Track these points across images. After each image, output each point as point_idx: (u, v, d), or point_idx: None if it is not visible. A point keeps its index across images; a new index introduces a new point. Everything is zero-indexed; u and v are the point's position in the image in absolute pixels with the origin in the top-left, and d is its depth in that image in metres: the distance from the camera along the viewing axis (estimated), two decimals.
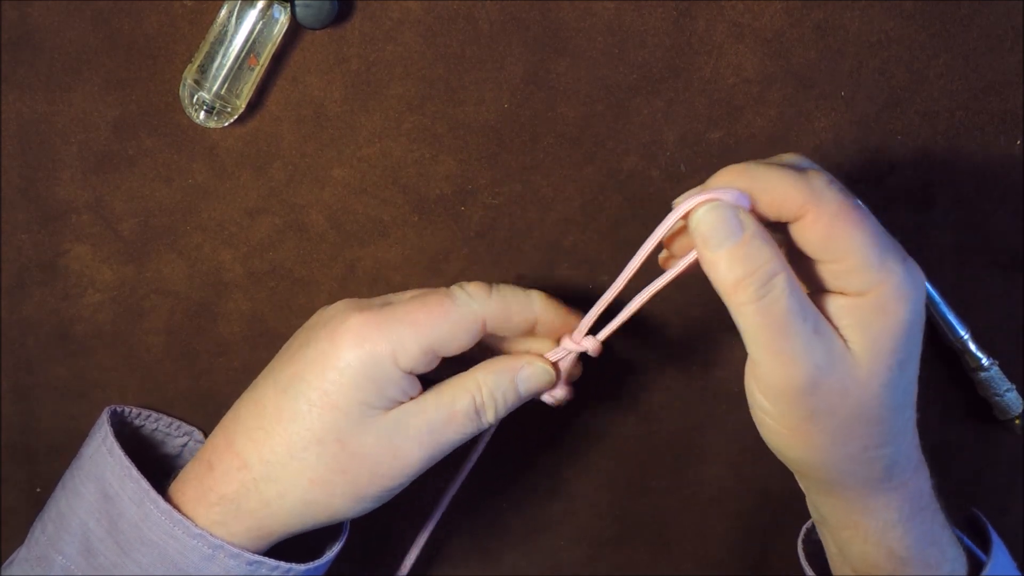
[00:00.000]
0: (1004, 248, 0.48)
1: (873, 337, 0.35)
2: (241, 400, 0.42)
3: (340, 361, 0.38)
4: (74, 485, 0.42)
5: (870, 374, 0.35)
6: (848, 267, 0.34)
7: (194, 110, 0.42)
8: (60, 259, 0.46)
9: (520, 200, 0.46)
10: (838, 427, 0.36)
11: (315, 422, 0.39)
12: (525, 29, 0.43)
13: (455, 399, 0.40)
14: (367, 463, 0.39)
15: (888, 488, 0.39)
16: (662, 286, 0.39)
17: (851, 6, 0.43)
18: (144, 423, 0.48)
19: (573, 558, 0.55)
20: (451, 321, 0.39)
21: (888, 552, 0.41)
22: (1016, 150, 0.46)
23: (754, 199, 0.34)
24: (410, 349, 0.39)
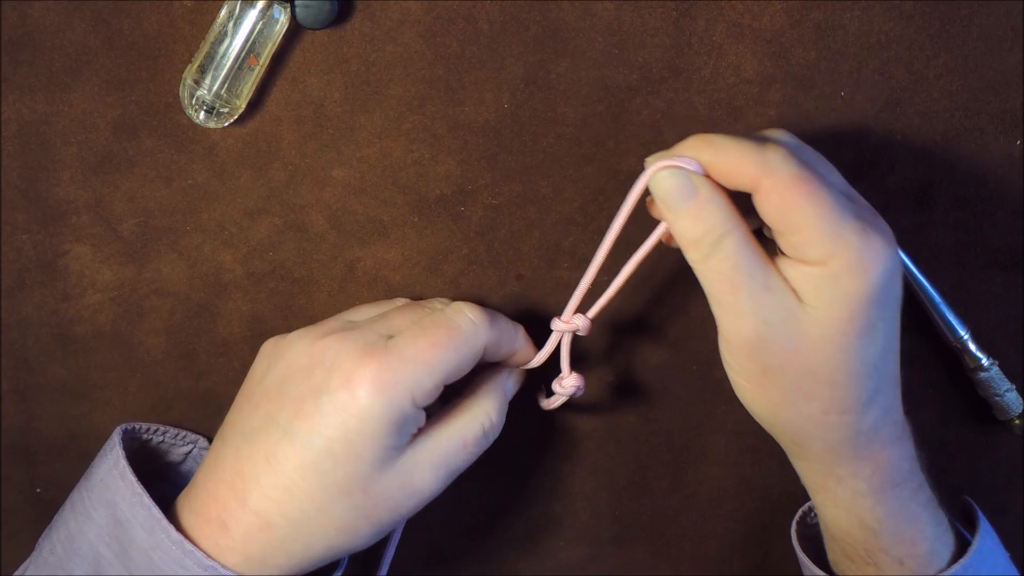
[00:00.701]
0: (1004, 248, 0.48)
1: (827, 304, 0.36)
2: (236, 450, 0.40)
3: (362, 411, 0.38)
4: (85, 508, 0.41)
5: (823, 337, 0.36)
6: (802, 239, 0.36)
7: (194, 110, 0.42)
8: (60, 259, 0.46)
9: (520, 200, 0.46)
10: (791, 384, 0.38)
11: (340, 475, 0.38)
12: (525, 29, 0.43)
13: (465, 429, 0.41)
14: (389, 504, 0.40)
15: (855, 457, 0.40)
16: (643, 255, 0.40)
17: (851, 7, 0.43)
18: (151, 436, 0.47)
19: (573, 558, 0.55)
20: (460, 353, 0.40)
21: (859, 521, 0.42)
22: (1016, 150, 0.46)
23: (711, 168, 0.36)
24: (427, 388, 0.39)
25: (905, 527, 0.42)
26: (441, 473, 0.40)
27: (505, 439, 0.51)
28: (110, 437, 0.44)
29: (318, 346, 0.40)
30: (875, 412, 0.39)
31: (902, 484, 0.41)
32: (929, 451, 0.43)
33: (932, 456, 0.44)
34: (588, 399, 0.51)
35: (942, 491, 0.44)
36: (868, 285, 0.36)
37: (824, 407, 0.38)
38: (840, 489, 0.41)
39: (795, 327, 0.37)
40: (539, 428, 0.51)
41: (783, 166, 0.35)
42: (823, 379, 0.37)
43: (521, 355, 0.45)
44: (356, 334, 0.40)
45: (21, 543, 0.53)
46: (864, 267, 0.35)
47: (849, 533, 0.43)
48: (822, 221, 0.35)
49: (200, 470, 0.41)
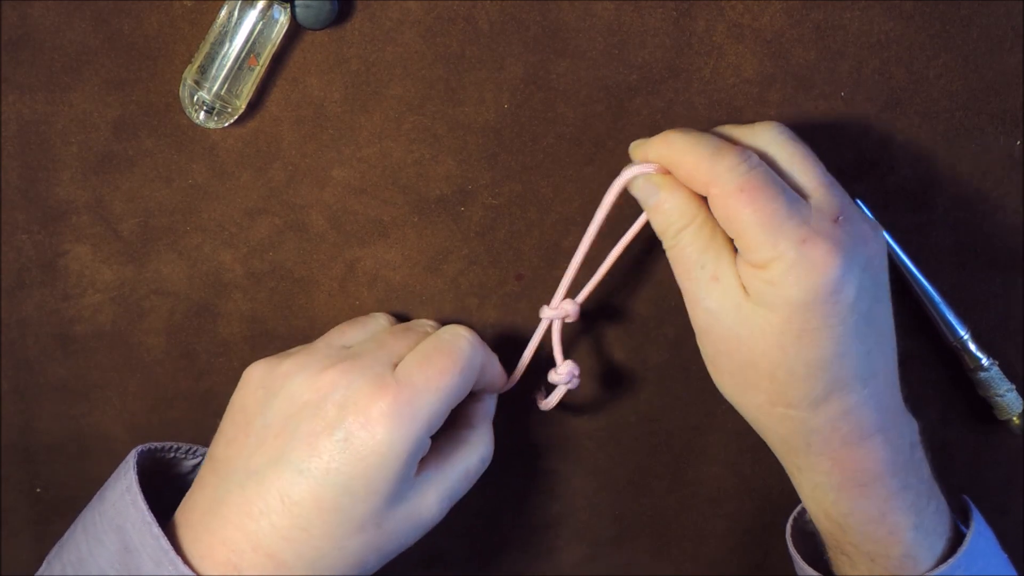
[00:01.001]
0: (1004, 248, 0.48)
1: (767, 304, 0.38)
2: (242, 488, 0.39)
3: (381, 447, 0.38)
4: (96, 532, 0.40)
5: (763, 334, 0.38)
6: (743, 244, 0.38)
7: (194, 110, 0.42)
8: (60, 259, 0.46)
9: (520, 200, 0.46)
10: (738, 372, 0.40)
11: (357, 512, 0.38)
12: (525, 29, 0.43)
13: (468, 460, 0.43)
14: (398, 536, 0.40)
15: (809, 452, 0.41)
16: (628, 240, 0.43)
17: (851, 6, 0.43)
18: (164, 454, 0.46)
19: (573, 558, 0.55)
20: (465, 377, 0.41)
21: (824, 513, 0.43)
22: (1016, 150, 0.46)
23: (671, 169, 0.40)
24: (440, 415, 0.40)
25: (874, 526, 0.42)
26: (445, 504, 0.42)
27: (505, 439, 0.51)
28: (125, 460, 0.43)
29: (324, 379, 0.39)
30: (830, 411, 0.39)
31: (870, 484, 0.41)
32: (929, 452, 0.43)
33: (933, 456, 0.44)
34: (588, 399, 0.51)
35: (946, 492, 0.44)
36: (804, 293, 0.37)
37: (770, 399, 0.40)
38: (802, 479, 0.43)
39: (739, 319, 0.39)
40: (539, 428, 0.51)
41: (729, 175, 0.37)
42: (764, 373, 0.39)
43: (498, 379, 0.46)
44: (361, 365, 0.40)
45: (21, 543, 0.53)
46: (798, 276, 0.37)
47: (820, 522, 0.44)
48: (760, 230, 0.37)
49: (194, 506, 0.40)
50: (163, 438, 0.50)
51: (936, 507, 0.43)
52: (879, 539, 0.42)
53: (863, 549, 0.43)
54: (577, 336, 0.49)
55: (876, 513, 0.42)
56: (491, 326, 0.48)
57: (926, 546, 0.43)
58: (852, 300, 0.37)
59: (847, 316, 0.38)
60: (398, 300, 0.48)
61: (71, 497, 0.52)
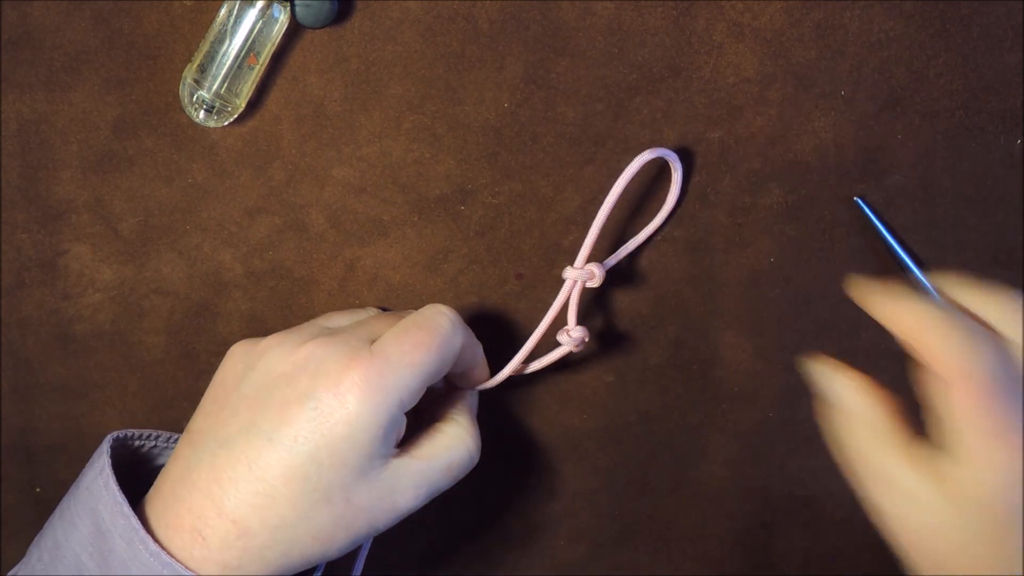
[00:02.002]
0: (1004, 248, 0.48)
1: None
2: (212, 456, 0.39)
3: (351, 417, 0.38)
4: (71, 516, 0.41)
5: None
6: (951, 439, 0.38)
7: (194, 109, 0.42)
8: (60, 259, 0.46)
9: (520, 200, 0.46)
10: None
11: (324, 482, 0.38)
12: (525, 29, 0.43)
13: (452, 453, 0.42)
14: (368, 516, 0.39)
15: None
16: (661, 222, 0.46)
17: (851, 6, 0.43)
18: (144, 443, 0.46)
19: (573, 558, 0.55)
20: (442, 353, 0.40)
21: None
22: (1016, 149, 0.46)
23: (906, 335, 0.39)
24: (413, 390, 0.39)
25: None
26: (422, 492, 0.40)
27: (505, 439, 0.51)
28: (100, 445, 0.43)
29: (300, 352, 0.39)
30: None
31: None
32: None
33: None
34: (588, 399, 0.51)
35: None
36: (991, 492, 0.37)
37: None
38: None
39: (950, 528, 0.38)
40: (539, 428, 0.51)
41: (986, 369, 0.37)
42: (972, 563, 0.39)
43: (480, 372, 0.45)
44: (338, 339, 0.40)
45: (21, 543, 0.53)
46: (1013, 484, 0.36)
47: None
48: (990, 435, 0.37)
49: (167, 477, 0.40)
50: None
51: None
52: None
53: None
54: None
55: None
56: (491, 326, 0.48)
57: None
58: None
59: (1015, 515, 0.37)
60: (398, 299, 0.48)
61: None
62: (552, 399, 0.51)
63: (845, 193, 0.46)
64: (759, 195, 0.46)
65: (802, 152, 0.45)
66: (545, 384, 0.50)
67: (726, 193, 0.46)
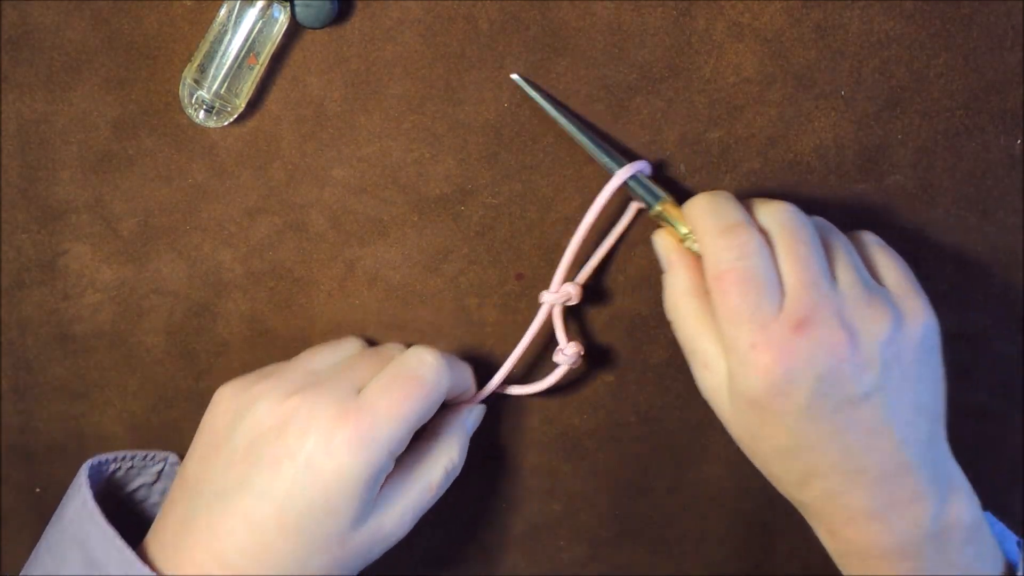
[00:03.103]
0: (1004, 248, 0.48)
1: (732, 389, 0.40)
2: (209, 508, 0.40)
3: (343, 472, 0.39)
4: (60, 549, 0.41)
5: (740, 414, 0.41)
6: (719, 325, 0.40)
7: (194, 110, 0.42)
8: (60, 259, 0.46)
9: (520, 200, 0.46)
10: (739, 442, 0.43)
11: (320, 534, 0.39)
12: (525, 29, 0.43)
13: (430, 474, 0.43)
14: (363, 551, 0.41)
15: (811, 519, 0.44)
16: (626, 224, 0.46)
17: (851, 6, 0.43)
18: (120, 465, 0.47)
19: (573, 558, 0.55)
20: (428, 401, 0.42)
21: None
22: (1017, 150, 0.46)
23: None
24: (402, 439, 0.40)
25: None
26: (408, 517, 0.42)
27: (506, 439, 0.51)
28: (77, 474, 0.44)
29: (288, 405, 0.40)
30: (812, 493, 0.41)
31: (870, 560, 0.42)
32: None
33: None
34: (588, 399, 0.51)
35: None
36: (750, 390, 0.39)
37: (765, 472, 0.43)
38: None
39: (726, 401, 0.41)
40: (539, 428, 0.51)
41: (717, 259, 0.39)
42: (749, 448, 0.42)
43: (469, 391, 0.46)
44: (325, 391, 0.40)
45: (21, 543, 0.53)
46: (745, 374, 0.39)
47: None
48: (724, 322, 0.39)
49: (166, 523, 0.41)
50: (163, 438, 0.50)
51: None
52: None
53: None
54: (576, 336, 0.49)
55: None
56: (491, 326, 0.48)
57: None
58: (804, 403, 0.38)
59: (800, 417, 0.39)
60: (398, 300, 0.48)
61: None
62: (552, 399, 0.51)
63: (845, 193, 0.46)
64: (759, 195, 0.46)
65: (802, 152, 0.45)
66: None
67: None
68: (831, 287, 0.39)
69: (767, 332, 0.38)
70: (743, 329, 0.39)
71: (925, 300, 0.41)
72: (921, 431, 0.41)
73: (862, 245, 0.43)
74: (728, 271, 0.39)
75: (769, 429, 0.40)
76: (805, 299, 0.39)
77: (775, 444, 0.40)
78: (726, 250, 0.39)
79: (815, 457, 0.40)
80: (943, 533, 0.41)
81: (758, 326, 0.38)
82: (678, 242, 0.43)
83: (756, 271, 0.39)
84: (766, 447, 0.41)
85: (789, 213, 0.41)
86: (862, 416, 0.39)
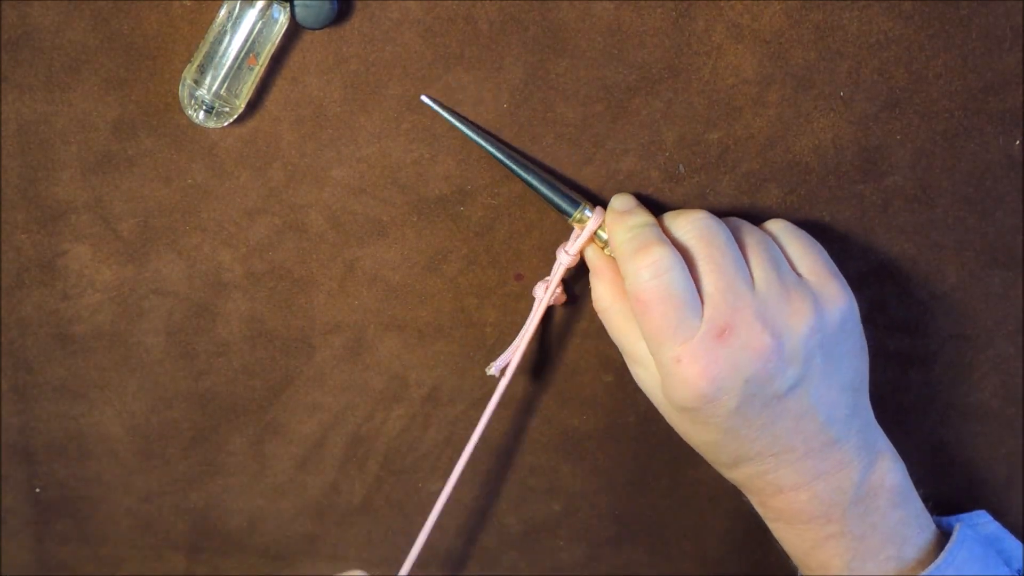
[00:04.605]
0: (1004, 248, 0.48)
1: (664, 392, 0.42)
2: None
3: None
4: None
5: (672, 409, 0.43)
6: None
7: (193, 110, 0.42)
8: (59, 259, 0.46)
9: (520, 200, 0.46)
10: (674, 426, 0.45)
11: None
12: (524, 29, 0.43)
13: None
14: None
15: (744, 490, 0.46)
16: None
17: (850, 7, 0.43)
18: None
19: (572, 558, 0.55)
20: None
21: (774, 534, 0.46)
22: (1016, 150, 0.46)
23: None
24: None
25: (804, 556, 0.44)
26: None
27: (506, 439, 0.51)
28: None
29: None
30: (744, 472, 0.43)
31: (797, 525, 0.44)
32: (929, 453, 0.43)
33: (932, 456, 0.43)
34: (588, 399, 0.51)
35: (937, 499, 0.44)
36: (680, 400, 0.40)
37: (696, 448, 0.44)
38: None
39: (659, 395, 0.43)
40: (539, 428, 0.51)
41: (635, 278, 0.40)
42: (683, 438, 0.44)
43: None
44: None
45: (21, 543, 0.53)
46: (674, 386, 0.40)
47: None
48: (649, 339, 0.41)
49: None
50: (163, 438, 0.50)
51: (892, 553, 0.44)
52: (811, 568, 0.45)
53: (803, 571, 0.46)
54: (577, 336, 0.49)
55: (806, 547, 0.44)
56: (490, 326, 0.48)
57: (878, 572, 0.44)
58: (734, 405, 0.40)
59: (730, 416, 0.40)
60: (397, 300, 0.48)
61: (71, 497, 0.52)
62: (552, 399, 0.51)
63: (844, 194, 0.46)
64: (758, 196, 0.46)
65: (801, 153, 0.45)
66: (545, 384, 0.50)
67: (725, 194, 0.46)
68: (749, 290, 0.40)
69: (690, 346, 0.39)
70: (666, 346, 0.40)
71: (842, 282, 0.42)
72: (845, 406, 0.42)
73: (776, 235, 0.44)
74: (645, 291, 0.40)
75: (700, 427, 0.42)
76: (724, 307, 0.40)
77: (706, 439, 0.42)
78: (643, 269, 0.40)
79: (744, 446, 0.42)
80: (867, 497, 0.43)
81: (682, 339, 0.39)
82: (600, 249, 0.44)
83: (673, 287, 0.40)
84: (697, 440, 0.43)
85: (701, 221, 0.42)
86: (788, 406, 0.41)
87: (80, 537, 0.53)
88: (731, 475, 0.44)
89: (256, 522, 0.53)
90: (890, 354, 0.49)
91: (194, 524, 0.53)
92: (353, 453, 0.51)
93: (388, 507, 0.53)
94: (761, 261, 0.41)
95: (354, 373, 0.49)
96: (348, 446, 0.51)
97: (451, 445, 0.51)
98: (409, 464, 0.52)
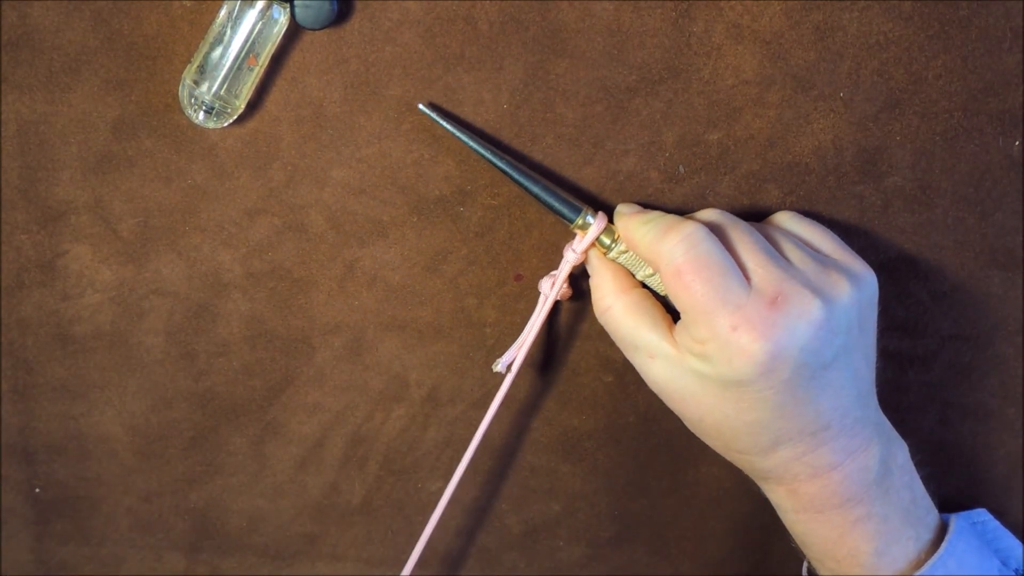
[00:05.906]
0: (1004, 248, 0.48)
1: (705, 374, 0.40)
2: None
3: None
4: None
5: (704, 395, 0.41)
6: (684, 320, 0.41)
7: (193, 110, 0.42)
8: (59, 259, 0.46)
9: (520, 200, 0.46)
10: (692, 425, 0.44)
11: None
12: (524, 29, 0.43)
13: None
14: None
15: (765, 483, 0.45)
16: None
17: (850, 7, 0.43)
18: None
19: (572, 558, 0.55)
20: None
21: (789, 528, 0.46)
22: (1015, 150, 0.46)
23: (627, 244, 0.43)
24: None
25: (833, 547, 0.44)
26: None
27: (506, 439, 0.51)
28: None
29: None
30: (779, 457, 0.42)
31: (827, 511, 0.43)
32: (929, 454, 0.43)
33: (933, 457, 0.43)
34: (588, 399, 0.51)
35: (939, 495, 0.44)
36: (734, 373, 0.39)
37: (723, 448, 0.43)
38: (768, 497, 0.46)
39: (681, 385, 0.41)
40: (539, 428, 0.51)
41: (670, 256, 0.39)
42: (711, 428, 0.42)
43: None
44: None
45: (21, 543, 0.53)
46: (729, 359, 0.39)
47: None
48: (695, 313, 0.39)
49: None
50: (163, 438, 0.50)
51: (911, 534, 0.44)
52: (841, 557, 0.44)
53: (827, 564, 0.45)
54: (577, 336, 0.49)
55: (835, 536, 0.43)
56: (490, 326, 0.48)
57: (890, 570, 0.43)
58: (787, 376, 0.39)
59: (782, 389, 0.39)
60: (397, 300, 0.48)
61: (71, 497, 0.52)
62: (552, 399, 0.51)
63: (844, 194, 0.46)
64: (758, 197, 0.46)
65: (801, 154, 0.45)
66: (545, 384, 0.50)
67: (725, 195, 0.46)
68: (788, 263, 0.40)
69: (745, 312, 0.38)
70: (719, 314, 0.38)
71: (863, 261, 0.43)
72: (869, 381, 0.42)
73: (786, 225, 0.44)
74: (685, 262, 0.39)
75: (745, 406, 0.40)
76: (772, 276, 0.39)
77: (747, 420, 0.41)
78: (676, 246, 0.39)
79: (787, 425, 0.41)
80: (887, 476, 0.43)
81: (733, 308, 0.38)
82: (602, 254, 0.44)
83: (712, 256, 0.39)
84: (738, 423, 0.41)
85: (720, 214, 0.42)
86: (830, 379, 0.40)
87: (80, 537, 0.53)
88: (766, 463, 0.43)
89: (256, 522, 0.53)
90: (890, 354, 0.49)
91: (194, 524, 0.53)
92: (353, 453, 0.51)
93: (388, 507, 0.53)
94: (788, 244, 0.42)
95: (354, 373, 0.49)
96: (348, 446, 0.51)
97: (451, 445, 0.51)
98: (409, 464, 0.52)
